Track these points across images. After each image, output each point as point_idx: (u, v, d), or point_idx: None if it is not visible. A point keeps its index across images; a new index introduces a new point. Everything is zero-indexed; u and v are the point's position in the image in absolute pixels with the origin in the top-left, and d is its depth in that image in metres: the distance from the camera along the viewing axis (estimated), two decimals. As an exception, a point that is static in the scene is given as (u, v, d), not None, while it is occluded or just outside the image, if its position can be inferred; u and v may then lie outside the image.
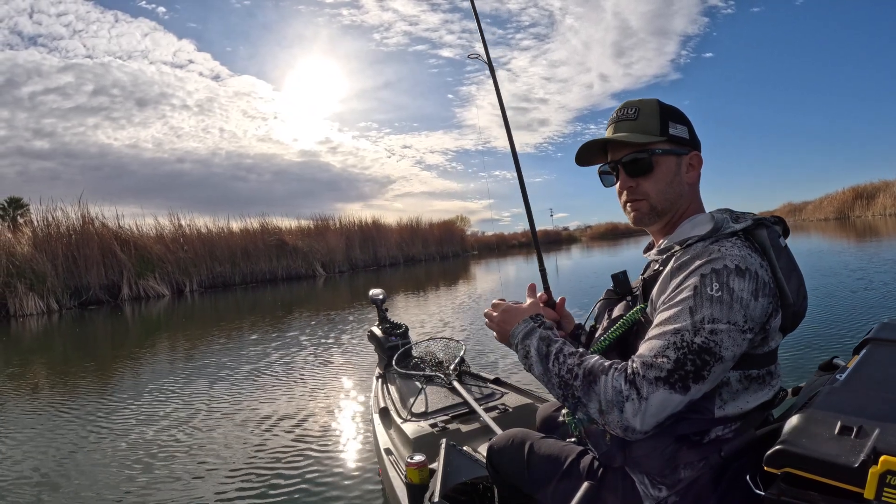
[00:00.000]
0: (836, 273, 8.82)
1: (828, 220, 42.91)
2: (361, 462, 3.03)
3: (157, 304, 17.50)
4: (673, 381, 0.96)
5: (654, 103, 1.23)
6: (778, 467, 0.84)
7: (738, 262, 1.02)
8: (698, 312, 0.99)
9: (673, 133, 1.20)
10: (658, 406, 0.96)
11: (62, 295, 17.60)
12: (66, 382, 5.87)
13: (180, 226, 23.82)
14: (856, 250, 13.43)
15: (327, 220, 31.33)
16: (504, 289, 13.91)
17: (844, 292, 7.01)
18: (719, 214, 1.17)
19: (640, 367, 0.99)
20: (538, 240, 2.26)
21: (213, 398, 4.68)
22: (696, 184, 1.25)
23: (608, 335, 1.20)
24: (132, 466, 3.23)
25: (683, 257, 1.09)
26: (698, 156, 1.25)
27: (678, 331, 0.99)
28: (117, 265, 19.99)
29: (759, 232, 1.12)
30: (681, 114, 1.25)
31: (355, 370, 5.33)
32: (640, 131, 1.20)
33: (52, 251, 18.16)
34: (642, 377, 0.98)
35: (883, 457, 0.72)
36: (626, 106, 1.25)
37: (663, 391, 0.96)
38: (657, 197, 1.21)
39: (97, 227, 20.32)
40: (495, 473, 1.50)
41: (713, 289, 0.99)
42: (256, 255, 25.66)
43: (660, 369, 0.97)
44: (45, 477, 3.20)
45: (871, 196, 43.35)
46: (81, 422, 4.29)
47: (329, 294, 16.98)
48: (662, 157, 1.20)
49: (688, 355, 0.97)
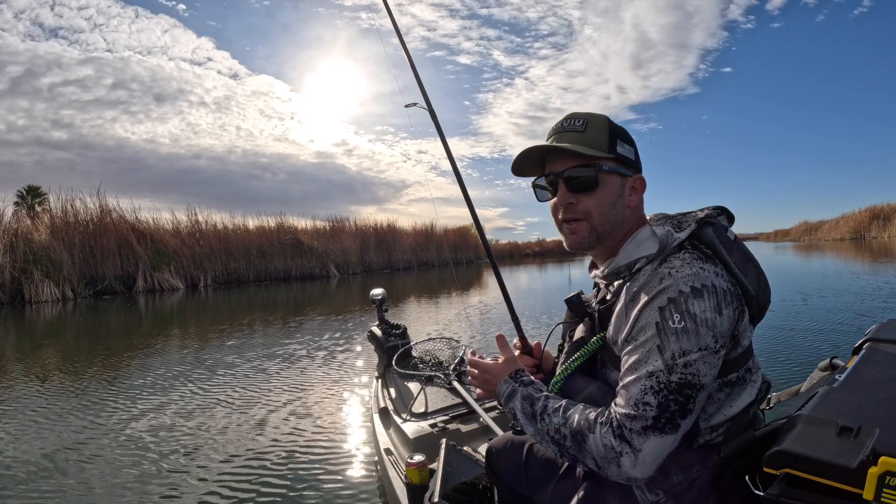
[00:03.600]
0: (837, 273, 8.84)
1: (843, 240, 42.57)
2: (361, 462, 3.02)
3: (170, 297, 17.67)
4: (661, 426, 0.95)
5: (604, 119, 1.17)
6: (777, 468, 0.84)
7: (692, 281, 0.99)
8: (667, 350, 0.96)
9: (620, 152, 1.15)
10: (654, 453, 0.96)
11: (77, 284, 17.89)
12: (77, 370, 5.93)
13: (197, 221, 24.10)
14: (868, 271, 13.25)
15: (343, 222, 31.50)
16: (515, 299, 13.83)
17: (844, 293, 7.04)
18: (660, 228, 1.12)
19: (625, 419, 0.97)
20: (505, 287, 2.20)
21: (216, 395, 4.70)
22: (639, 207, 1.20)
23: (570, 363, 1.19)
24: (131, 459, 3.23)
25: (633, 287, 1.07)
26: (642, 179, 1.20)
27: (651, 373, 0.97)
28: (133, 257, 20.31)
29: (705, 232, 1.10)
30: (629, 135, 1.20)
31: (355, 370, 5.35)
32: (587, 145, 1.13)
33: (69, 240, 18.50)
34: (629, 430, 0.96)
35: (882, 457, 0.72)
36: (572, 117, 1.18)
37: (654, 438, 0.95)
38: (599, 218, 1.14)
39: (115, 218, 20.68)
40: (494, 474, 1.50)
41: (675, 321, 0.97)
42: (272, 253, 25.88)
43: (645, 419, 0.95)
44: (53, 462, 3.23)
45: (888, 217, 43.22)
46: (89, 410, 4.33)
47: (341, 295, 17.04)
48: (608, 176, 1.14)
49: (668, 396, 0.95)
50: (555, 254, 55.54)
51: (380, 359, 3.45)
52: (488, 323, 8.18)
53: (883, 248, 26.28)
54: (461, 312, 10.02)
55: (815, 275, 8.85)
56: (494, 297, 12.03)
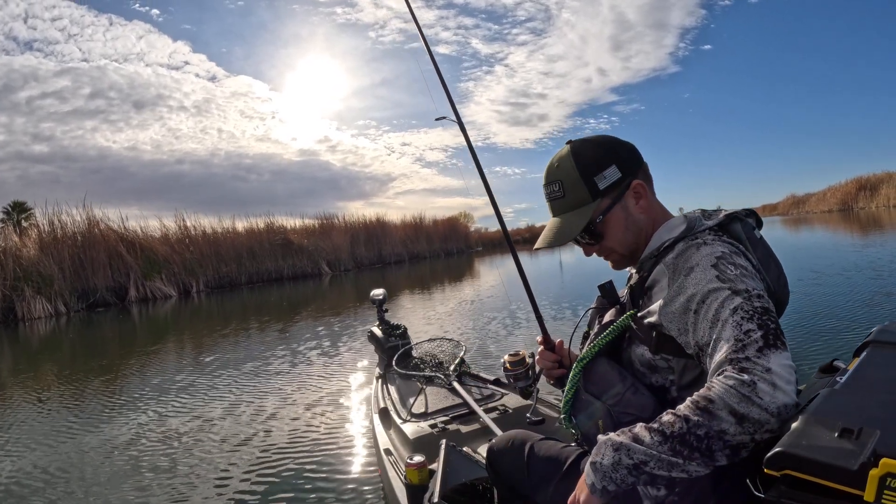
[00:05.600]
0: (837, 274, 8.78)
1: (831, 212, 42.95)
2: (361, 462, 3.03)
3: (164, 306, 17.59)
4: (773, 342, 0.89)
5: (569, 162, 1.19)
6: (777, 469, 0.83)
7: (727, 248, 1.05)
8: (738, 288, 0.95)
9: (603, 186, 1.18)
10: (784, 368, 0.87)
11: (69, 298, 17.70)
12: (74, 385, 5.92)
13: (186, 226, 23.94)
14: (861, 246, 13.34)
15: (332, 219, 31.44)
16: (508, 289, 13.88)
17: (845, 294, 6.99)
18: (691, 214, 1.19)
19: (737, 355, 0.89)
20: (531, 289, 1.96)
21: (215, 398, 4.71)
22: (650, 205, 1.22)
23: (599, 340, 1.19)
24: (134, 466, 3.26)
25: (669, 260, 1.10)
26: (640, 183, 1.20)
27: (736, 309, 0.93)
28: (124, 267, 20.11)
29: (733, 226, 1.13)
30: (604, 153, 1.19)
31: (355, 370, 5.35)
32: (573, 207, 1.21)
33: (58, 254, 18.28)
34: (747, 359, 0.87)
35: (883, 459, 0.72)
36: (548, 181, 1.24)
37: (775, 354, 0.87)
38: (620, 246, 1.23)
39: (102, 229, 20.46)
40: (495, 475, 1.50)
41: (731, 270, 0.99)
42: (262, 254, 25.77)
43: (755, 342, 0.88)
44: (53, 477, 3.24)
45: (875, 187, 43.52)
46: (88, 424, 4.33)
47: (335, 293, 17.03)
48: (607, 217, 1.20)
49: (763, 317, 0.91)
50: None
51: (380, 359, 3.45)
52: (489, 317, 8.17)
53: (872, 218, 26.45)
54: (456, 308, 10.05)
55: (812, 272, 8.75)
56: (487, 290, 12.10)
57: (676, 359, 1.09)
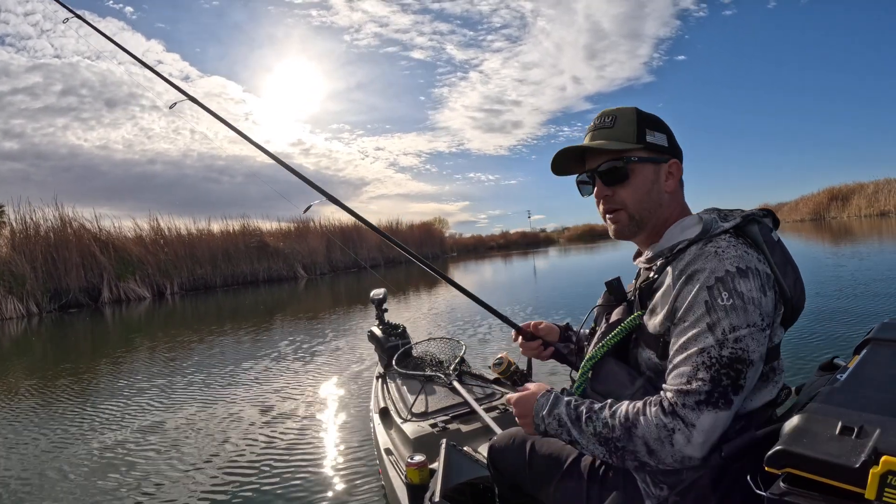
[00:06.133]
0: (837, 274, 8.87)
1: (803, 221, 43.65)
2: (361, 462, 3.03)
3: (137, 308, 17.20)
4: (715, 401, 0.95)
5: (633, 111, 1.21)
6: (779, 468, 0.84)
7: (738, 262, 1.01)
8: (717, 326, 0.97)
9: (650, 141, 1.19)
10: (709, 429, 0.95)
11: (42, 298, 17.28)
12: (45, 388, 5.75)
13: (160, 227, 23.49)
14: (850, 251, 13.55)
15: (308, 222, 31.28)
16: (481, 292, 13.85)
17: (845, 292, 7.02)
18: (707, 215, 1.16)
19: (677, 396, 0.97)
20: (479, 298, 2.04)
21: (215, 400, 4.68)
22: (678, 191, 1.23)
23: (607, 341, 1.19)
24: (138, 470, 3.21)
25: (680, 265, 1.08)
26: (678, 164, 1.22)
27: (703, 350, 0.97)
28: (97, 267, 19.70)
29: (751, 228, 1.11)
30: (660, 122, 1.23)
31: (355, 370, 5.33)
32: (617, 139, 1.19)
33: (30, 253, 17.82)
34: (683, 406, 0.96)
35: (884, 457, 0.72)
36: (603, 114, 1.23)
37: (708, 413, 0.95)
38: (634, 206, 1.19)
39: (76, 228, 19.99)
40: (496, 473, 1.50)
41: (724, 299, 0.98)
42: (237, 256, 25.45)
43: (698, 393, 0.95)
44: (21, 480, 3.18)
45: (846, 198, 44.58)
46: (61, 428, 4.21)
47: (311, 297, 16.86)
48: (639, 165, 1.18)
49: (720, 370, 0.96)
50: (519, 245, 56.24)
51: (380, 358, 3.44)
52: (466, 321, 8.18)
53: (843, 228, 26.82)
54: (434, 311, 10.18)
55: (812, 272, 8.88)
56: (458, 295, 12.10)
57: None
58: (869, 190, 42.50)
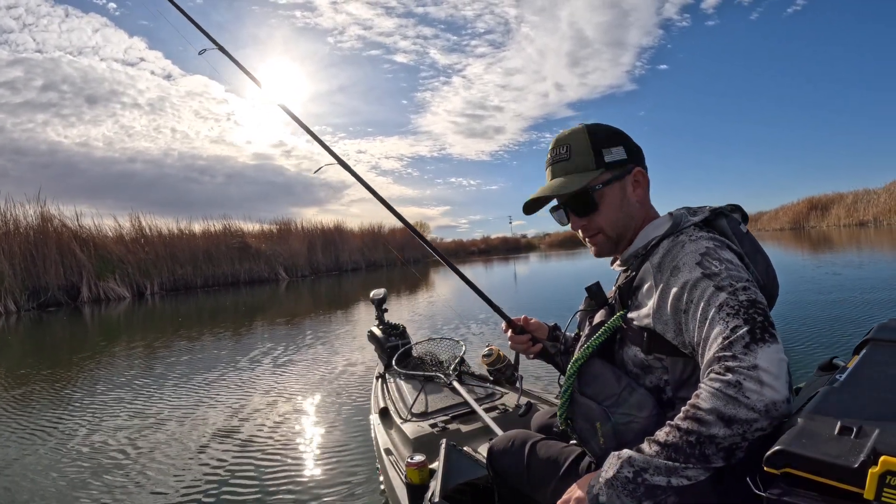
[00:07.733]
0: (837, 273, 8.86)
1: (783, 230, 43.68)
2: (361, 462, 3.02)
3: (117, 307, 17.06)
4: (761, 336, 0.89)
5: (583, 134, 1.22)
6: (778, 468, 0.83)
7: (712, 242, 1.06)
8: (723, 283, 0.98)
9: (609, 160, 1.20)
10: (773, 362, 0.87)
11: (20, 296, 17.19)
12: (21, 386, 5.68)
13: (141, 226, 23.49)
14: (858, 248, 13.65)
15: (289, 224, 31.30)
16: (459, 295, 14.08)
17: (844, 293, 7.02)
18: (677, 211, 1.20)
19: (724, 354, 0.91)
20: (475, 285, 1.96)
21: (215, 400, 4.69)
22: (646, 197, 1.25)
23: (591, 342, 1.19)
24: (139, 472, 3.21)
25: (655, 258, 1.11)
26: (641, 171, 1.24)
27: (722, 305, 0.95)
28: (77, 266, 19.64)
29: (719, 222, 1.14)
30: (613, 134, 1.23)
31: (355, 370, 5.33)
32: (576, 171, 1.20)
33: (9, 250, 17.71)
34: (734, 357, 0.89)
35: (882, 457, 0.72)
36: (557, 144, 1.25)
37: (762, 349, 0.88)
38: (610, 227, 1.22)
39: (56, 225, 19.92)
40: (495, 474, 1.50)
41: (716, 266, 1.00)
42: (219, 257, 25.53)
43: (742, 338, 0.90)
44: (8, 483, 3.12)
45: (826, 207, 45.05)
46: (41, 428, 4.16)
47: (291, 299, 16.77)
48: (605, 190, 1.20)
49: (748, 311, 0.93)
50: (500, 251, 56.53)
51: (380, 358, 3.44)
52: (449, 319, 8.18)
53: (823, 237, 26.70)
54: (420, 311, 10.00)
55: (812, 272, 9.00)
56: (446, 292, 12.32)
57: (670, 358, 1.10)
58: (848, 200, 42.93)
